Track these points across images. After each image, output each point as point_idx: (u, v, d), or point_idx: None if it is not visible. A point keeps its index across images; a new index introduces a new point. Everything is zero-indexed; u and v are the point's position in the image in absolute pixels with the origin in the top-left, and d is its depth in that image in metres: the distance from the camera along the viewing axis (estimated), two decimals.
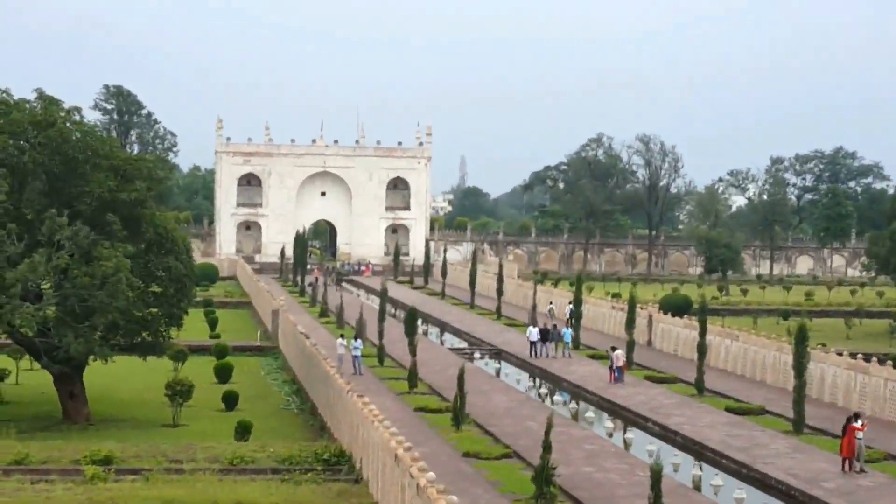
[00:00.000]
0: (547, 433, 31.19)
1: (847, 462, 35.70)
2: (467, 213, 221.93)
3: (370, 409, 31.83)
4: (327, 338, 65.37)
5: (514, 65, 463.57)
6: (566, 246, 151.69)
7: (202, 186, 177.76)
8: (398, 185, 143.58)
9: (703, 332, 51.89)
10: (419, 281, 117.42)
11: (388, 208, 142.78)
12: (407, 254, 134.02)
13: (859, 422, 35.88)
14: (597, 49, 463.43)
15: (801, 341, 42.52)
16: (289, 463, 34.10)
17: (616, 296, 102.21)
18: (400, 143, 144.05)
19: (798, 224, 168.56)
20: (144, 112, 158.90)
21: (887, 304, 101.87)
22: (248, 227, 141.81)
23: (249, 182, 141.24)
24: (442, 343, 73.31)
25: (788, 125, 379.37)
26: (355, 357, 53.75)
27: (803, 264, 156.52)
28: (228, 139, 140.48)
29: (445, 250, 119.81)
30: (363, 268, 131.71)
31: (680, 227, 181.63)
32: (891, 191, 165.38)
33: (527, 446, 37.70)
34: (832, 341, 73.19)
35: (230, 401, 46.36)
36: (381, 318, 57.44)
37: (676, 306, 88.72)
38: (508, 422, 42.93)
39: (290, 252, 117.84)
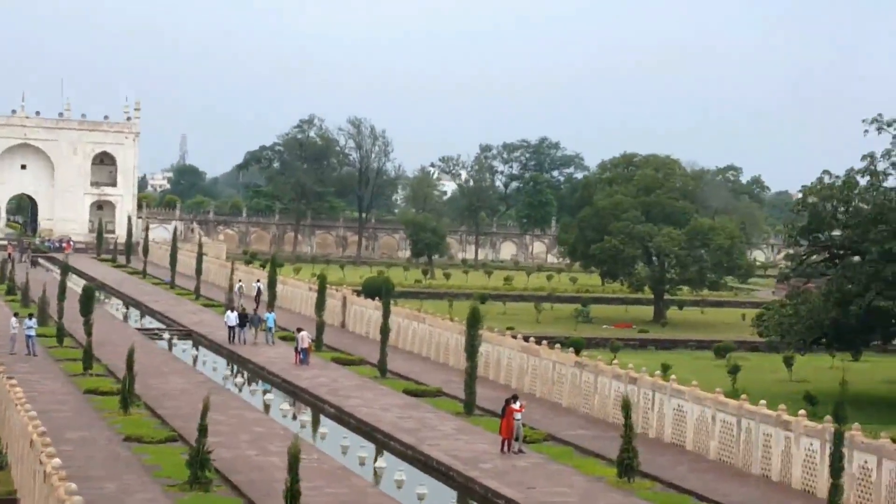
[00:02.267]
0: (203, 415, 30.71)
1: (506, 443, 36.81)
2: (184, 191, 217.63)
3: (15, 392, 30.46)
4: (9, 316, 62.42)
5: (239, 40, 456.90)
6: (277, 227, 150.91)
7: None
8: (104, 161, 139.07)
9: (385, 315, 52.47)
10: (124, 259, 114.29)
11: (93, 184, 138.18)
12: (113, 231, 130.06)
13: (517, 403, 37.06)
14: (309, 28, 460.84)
15: (472, 324, 43.52)
16: None
17: (321, 278, 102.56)
18: (107, 118, 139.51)
19: (505, 211, 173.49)
20: None
21: (578, 289, 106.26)
22: None
23: None
24: (133, 323, 71.34)
25: (498, 115, 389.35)
26: (29, 336, 51.56)
27: (507, 250, 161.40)
28: None
29: (147, 228, 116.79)
30: (64, 244, 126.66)
31: (396, 211, 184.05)
32: None
33: (194, 429, 36.86)
34: (522, 325, 75.83)
35: None
36: (61, 297, 55.34)
37: (377, 289, 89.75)
38: (180, 404, 42.10)
39: None
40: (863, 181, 50.82)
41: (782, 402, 36.57)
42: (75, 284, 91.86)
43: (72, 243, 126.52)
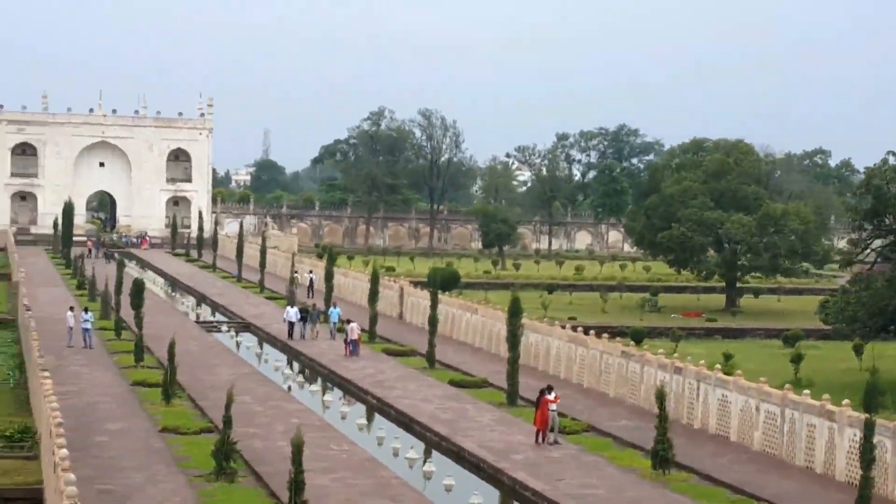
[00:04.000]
0: (227, 407, 30.82)
1: (541, 434, 36.36)
2: (264, 186, 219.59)
3: (45, 385, 30.75)
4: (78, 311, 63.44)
5: (317, 40, 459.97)
6: (350, 220, 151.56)
7: None
8: (180, 157, 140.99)
9: (433, 305, 52.28)
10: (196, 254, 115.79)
11: (169, 180, 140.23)
12: (189, 226, 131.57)
13: (552, 394, 36.59)
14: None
15: (514, 314, 43.09)
16: None
17: (390, 269, 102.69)
18: (181, 114, 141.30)
19: (583, 200, 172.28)
20: None
21: (650, 278, 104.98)
22: (24, 198, 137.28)
23: (24, 151, 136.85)
24: (195, 317, 71.96)
25: (574, 102, 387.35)
26: (85, 329, 52.31)
27: (582, 240, 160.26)
28: (1, 106, 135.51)
29: (216, 223, 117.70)
30: (141, 240, 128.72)
31: (475, 202, 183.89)
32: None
33: (233, 421, 36.88)
34: (587, 315, 75.21)
35: None
36: (118, 290, 56.01)
37: (444, 280, 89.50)
38: (222, 396, 41.71)
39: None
40: None
41: (846, 392, 35.60)
42: (149, 280, 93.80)
43: (148, 239, 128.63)
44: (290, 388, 47.01)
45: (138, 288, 49.28)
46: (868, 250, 53.88)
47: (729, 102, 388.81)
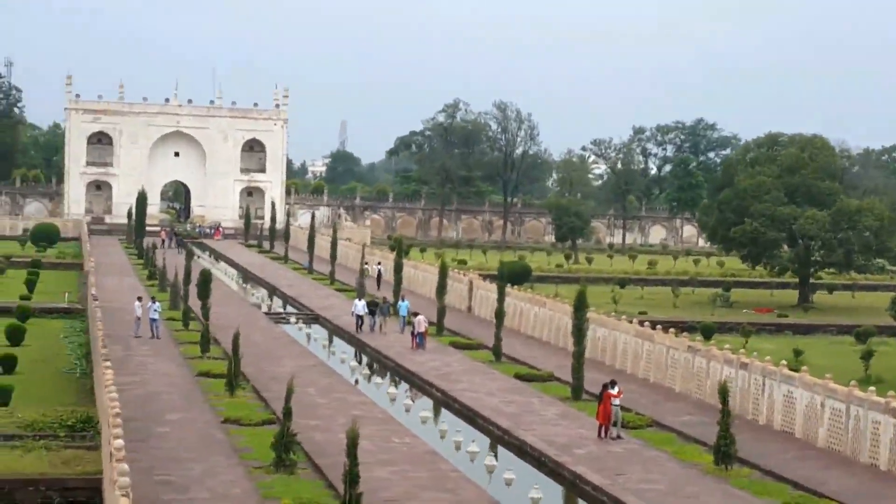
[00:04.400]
0: (287, 398, 30.81)
1: (603, 429, 36.00)
2: (339, 177, 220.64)
3: (106, 375, 31.04)
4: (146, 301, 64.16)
5: (393, 29, 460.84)
6: (423, 212, 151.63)
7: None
8: (254, 148, 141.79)
9: (500, 298, 52.09)
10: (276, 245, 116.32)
11: (243, 170, 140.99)
12: (262, 217, 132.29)
13: (615, 388, 36.21)
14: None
15: (579, 307, 42.74)
16: (32, 429, 33.15)
17: (462, 262, 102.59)
18: (256, 105, 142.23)
19: (658, 194, 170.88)
20: None
21: (723, 273, 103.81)
22: (99, 187, 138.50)
23: (100, 141, 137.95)
24: (267, 308, 72.29)
25: (650, 96, 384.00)
26: (153, 320, 52.77)
27: (657, 234, 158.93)
28: (78, 96, 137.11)
29: (289, 214, 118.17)
30: (214, 231, 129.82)
31: (549, 195, 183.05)
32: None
33: (294, 412, 36.94)
34: (658, 309, 74.63)
35: (7, 364, 44.94)
36: (186, 281, 56.48)
37: (515, 274, 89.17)
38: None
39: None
40: None
41: None
42: (220, 271, 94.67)
43: (221, 229, 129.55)
44: (356, 381, 47.06)
45: (205, 279, 49.66)
46: None
47: (806, 98, 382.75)
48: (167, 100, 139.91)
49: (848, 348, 58.99)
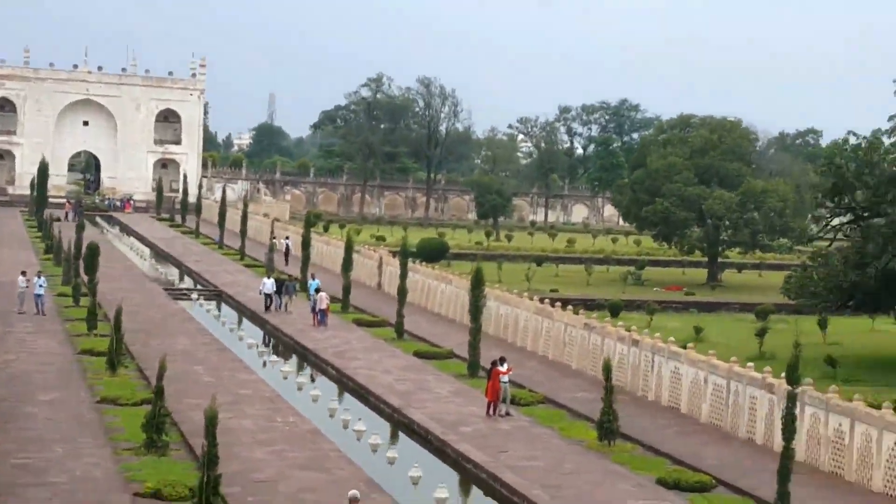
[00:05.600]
0: (159, 377, 29.64)
1: (492, 406, 35.45)
2: (264, 151, 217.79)
3: None
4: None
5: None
6: (345, 188, 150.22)
7: None
8: (169, 118, 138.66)
9: (403, 274, 51.53)
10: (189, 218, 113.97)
11: (157, 141, 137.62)
12: (177, 190, 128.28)
13: (504, 365, 35.65)
14: None
15: (476, 285, 42.23)
16: None
17: (381, 239, 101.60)
18: (171, 74, 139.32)
19: (582, 174, 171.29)
20: None
21: (638, 252, 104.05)
22: (1, 157, 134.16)
23: (3, 108, 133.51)
24: (167, 283, 70.65)
25: (577, 74, 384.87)
26: (38, 295, 50.98)
27: (579, 213, 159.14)
28: None
29: (201, 187, 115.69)
30: (125, 203, 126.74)
31: (474, 173, 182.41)
32: None
33: (176, 390, 35.94)
34: (570, 287, 74.56)
35: None
36: (77, 255, 54.82)
37: (432, 250, 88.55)
38: (173, 366, 41.03)
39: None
40: (888, 142, 48.60)
41: (807, 366, 35.14)
42: (126, 245, 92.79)
43: (132, 202, 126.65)
44: (264, 362, 45.81)
45: (92, 252, 47.92)
46: (829, 227, 53.74)
47: (723, 78, 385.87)
48: (76, 66, 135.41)
49: (749, 325, 59.25)
